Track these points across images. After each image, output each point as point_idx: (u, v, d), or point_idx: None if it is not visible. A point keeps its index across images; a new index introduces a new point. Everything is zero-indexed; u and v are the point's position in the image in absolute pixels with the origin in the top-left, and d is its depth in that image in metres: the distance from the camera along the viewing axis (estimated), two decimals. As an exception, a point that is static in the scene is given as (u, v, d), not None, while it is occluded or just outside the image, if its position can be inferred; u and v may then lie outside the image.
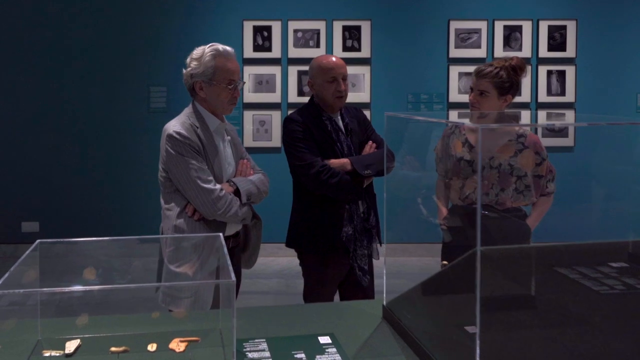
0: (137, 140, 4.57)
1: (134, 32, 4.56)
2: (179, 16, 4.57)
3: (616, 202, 1.72)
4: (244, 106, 4.55)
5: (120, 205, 4.60)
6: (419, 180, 1.85)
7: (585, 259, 1.60)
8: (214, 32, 4.56)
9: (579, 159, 4.29)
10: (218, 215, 1.79)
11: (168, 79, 4.56)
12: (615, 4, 4.80)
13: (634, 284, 1.59)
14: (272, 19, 4.54)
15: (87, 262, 1.32)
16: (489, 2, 4.70)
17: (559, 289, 1.56)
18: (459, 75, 4.67)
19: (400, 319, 1.40)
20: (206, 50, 1.88)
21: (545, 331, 1.35)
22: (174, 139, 1.80)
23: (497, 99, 2.30)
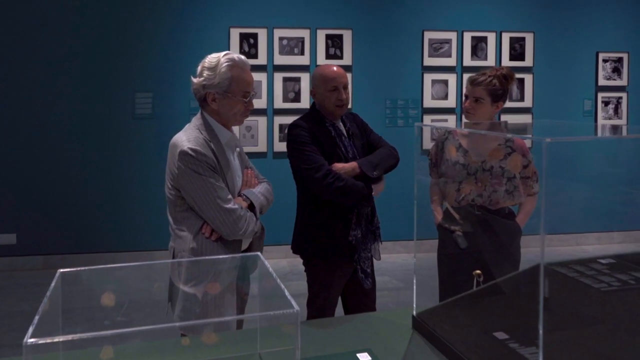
0: (122, 147, 4.28)
1: (120, 37, 4.25)
2: (165, 22, 4.31)
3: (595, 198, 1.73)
4: (230, 111, 4.38)
5: (104, 215, 4.28)
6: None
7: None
8: (201, 39, 4.34)
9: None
10: (240, 235, 1.60)
11: (154, 85, 4.30)
12: (567, 19, 4.94)
13: (627, 279, 1.59)
14: (259, 27, 4.37)
15: (111, 288, 1.17)
16: (459, 14, 4.72)
17: (567, 289, 1.54)
18: (432, 82, 4.67)
19: (434, 330, 1.32)
20: (222, 60, 1.64)
21: (567, 332, 1.33)
22: (189, 156, 1.56)
23: (490, 105, 2.28)
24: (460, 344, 1.24)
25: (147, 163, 4.33)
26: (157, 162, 4.34)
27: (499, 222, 2.26)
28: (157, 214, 4.32)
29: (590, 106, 5.06)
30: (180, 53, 4.34)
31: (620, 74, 5.05)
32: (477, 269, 2.30)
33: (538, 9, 4.88)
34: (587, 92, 5.05)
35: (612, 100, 5.07)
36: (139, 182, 4.32)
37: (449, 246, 2.21)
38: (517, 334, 1.30)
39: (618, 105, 5.09)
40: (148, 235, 4.32)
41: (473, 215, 2.32)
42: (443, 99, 4.71)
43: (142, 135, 4.31)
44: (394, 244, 4.51)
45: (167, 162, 1.67)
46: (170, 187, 1.65)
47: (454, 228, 2.07)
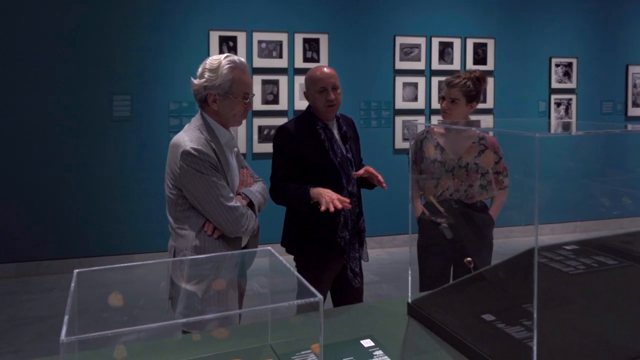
0: (100, 150, 4.15)
1: (98, 39, 4.12)
2: (144, 25, 4.20)
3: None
4: (209, 112, 4.34)
5: (82, 219, 4.13)
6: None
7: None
8: (180, 42, 4.27)
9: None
10: (242, 232, 1.61)
11: (132, 88, 4.20)
12: (524, 27, 5.18)
13: (591, 263, 1.72)
14: (238, 30, 4.34)
15: (129, 287, 1.17)
16: (427, 21, 4.86)
17: (540, 273, 1.65)
18: (403, 85, 4.80)
19: (430, 315, 1.39)
20: (223, 62, 1.65)
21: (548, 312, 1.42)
22: (192, 155, 1.56)
23: (465, 105, 2.38)
24: (453, 327, 1.31)
25: (126, 165, 4.23)
26: (137, 165, 4.25)
27: (475, 215, 2.37)
28: (137, 216, 4.24)
29: (544, 107, 5.33)
30: (160, 55, 4.25)
31: (570, 78, 5.34)
32: (457, 258, 2.41)
33: (499, 17, 5.10)
34: (542, 94, 5.31)
35: (563, 101, 5.36)
36: (117, 185, 4.21)
37: (433, 237, 2.29)
38: (502, 316, 1.39)
39: (568, 106, 5.38)
40: (128, 238, 4.22)
41: (451, 209, 2.42)
42: (413, 100, 4.84)
43: (121, 137, 4.20)
44: (368, 239, 4.60)
45: (167, 162, 1.66)
46: (171, 186, 1.64)
47: (439, 220, 2.16)
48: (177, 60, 4.28)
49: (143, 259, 4.17)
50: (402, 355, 1.24)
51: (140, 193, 4.23)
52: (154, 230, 4.25)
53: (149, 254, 4.21)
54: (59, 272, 4.04)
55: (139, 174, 4.24)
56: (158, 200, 4.27)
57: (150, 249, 4.23)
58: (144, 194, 4.24)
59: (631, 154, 1.70)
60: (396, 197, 3.95)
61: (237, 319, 1.61)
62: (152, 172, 4.26)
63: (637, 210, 1.64)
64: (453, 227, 2.31)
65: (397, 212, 4.61)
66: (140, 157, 4.24)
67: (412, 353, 1.27)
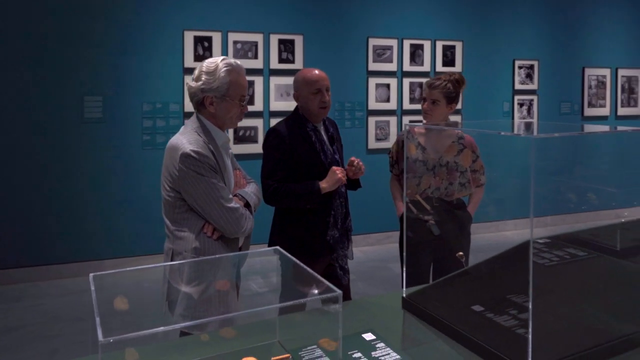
0: (71, 152, 3.98)
1: (68, 39, 3.95)
2: (117, 24, 4.07)
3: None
4: (184, 115, 4.21)
5: (52, 224, 3.95)
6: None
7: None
8: (155, 42, 4.16)
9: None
10: (241, 233, 1.63)
11: (104, 89, 4.05)
12: (490, 30, 5.38)
13: (563, 255, 1.82)
14: (213, 30, 4.27)
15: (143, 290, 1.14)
16: (399, 23, 4.96)
17: (518, 266, 1.73)
18: (376, 86, 4.88)
19: (426, 308, 1.43)
20: (220, 65, 1.65)
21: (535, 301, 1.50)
22: (192, 158, 1.56)
23: (445, 106, 2.46)
24: (447, 318, 1.36)
25: (98, 168, 4.08)
26: (109, 167, 4.12)
27: (455, 212, 2.46)
28: (110, 220, 4.10)
29: (508, 107, 5.55)
30: (133, 55, 4.13)
31: (532, 79, 5.59)
32: (437, 253, 2.48)
33: (466, 21, 5.27)
34: (506, 95, 5.52)
35: (526, 102, 5.61)
36: (89, 189, 4.05)
37: (420, 234, 2.36)
38: (490, 306, 1.45)
39: (530, 106, 5.64)
40: (100, 243, 4.07)
41: (433, 206, 2.49)
42: (385, 101, 4.93)
43: (92, 139, 4.05)
44: (346, 237, 4.65)
45: (164, 165, 1.64)
46: (169, 189, 1.62)
47: (427, 217, 2.22)
48: (151, 60, 4.17)
49: (115, 265, 4.04)
50: (403, 347, 1.27)
51: (112, 196, 4.10)
52: (127, 234, 4.13)
53: (122, 259, 4.08)
54: (26, 281, 3.86)
55: (111, 177, 4.11)
56: (132, 203, 4.15)
57: (123, 253, 4.11)
58: (116, 198, 4.11)
59: (595, 152, 1.81)
60: (369, 196, 4.01)
61: (238, 319, 1.61)
62: (125, 175, 4.14)
63: (602, 205, 1.76)
64: (436, 224, 2.38)
65: (369, 212, 4.68)
66: (112, 159, 4.11)
67: (412, 344, 1.31)
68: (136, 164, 4.15)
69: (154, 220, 4.15)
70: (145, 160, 4.16)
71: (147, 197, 4.14)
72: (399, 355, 1.23)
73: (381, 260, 4.44)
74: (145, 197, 4.14)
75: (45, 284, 3.83)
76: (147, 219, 4.15)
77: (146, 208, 4.15)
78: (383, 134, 4.90)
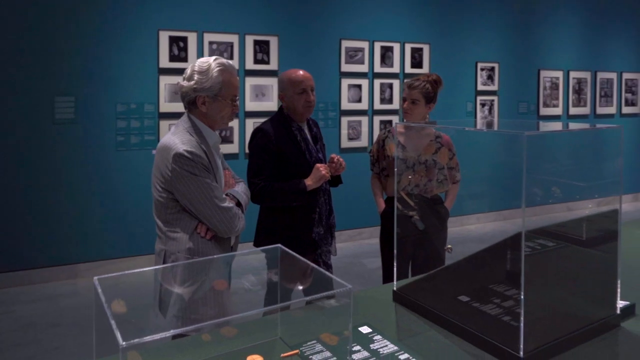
0: (42, 154, 3.80)
1: (40, 37, 3.75)
2: (91, 22, 3.90)
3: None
4: (159, 116, 4.11)
5: (22, 227, 3.76)
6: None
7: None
8: (129, 41, 4.02)
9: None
10: (234, 232, 1.61)
11: (77, 89, 3.88)
12: (455, 34, 5.56)
13: (534, 245, 1.93)
14: (188, 30, 4.19)
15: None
16: (370, 26, 5.03)
17: (499, 258, 1.82)
18: (348, 86, 4.94)
19: (417, 300, 1.48)
20: (212, 65, 1.64)
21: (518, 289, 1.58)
22: (185, 158, 1.53)
23: (424, 106, 2.54)
24: (437, 309, 1.42)
25: (71, 171, 3.91)
26: (82, 170, 3.96)
27: (434, 208, 2.54)
28: (82, 224, 3.94)
29: (471, 108, 5.75)
30: (106, 55, 3.98)
31: (493, 81, 5.82)
32: (418, 248, 2.56)
33: (433, 24, 5.42)
34: (469, 96, 5.72)
35: (487, 102, 5.83)
36: (61, 192, 3.88)
37: (405, 229, 2.42)
38: (475, 296, 1.53)
39: (491, 106, 5.87)
40: (73, 247, 3.92)
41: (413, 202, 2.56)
42: (357, 102, 4.99)
43: (64, 141, 3.88)
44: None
45: (156, 165, 1.61)
46: (161, 190, 1.59)
47: (411, 213, 2.29)
48: (125, 60, 4.03)
49: (88, 269, 3.90)
50: (399, 338, 1.31)
51: (85, 199, 3.95)
52: (101, 237, 3.99)
53: (96, 263, 3.95)
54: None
55: (84, 179, 3.95)
56: (106, 206, 4.01)
57: (97, 257, 3.97)
58: (89, 200, 3.96)
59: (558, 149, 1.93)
60: (342, 195, 4.05)
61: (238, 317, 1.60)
62: (98, 177, 3.99)
63: (565, 198, 1.88)
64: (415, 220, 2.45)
65: (342, 210, 4.72)
66: (85, 161, 3.95)
67: (407, 335, 1.35)
68: (110, 166, 4.01)
69: (129, 222, 4.04)
70: (120, 162, 4.03)
71: (122, 200, 4.02)
72: (396, 347, 1.27)
73: (354, 256, 4.50)
74: (120, 200, 4.02)
75: (16, 290, 3.65)
76: (122, 221, 4.03)
77: (121, 210, 4.02)
78: (355, 133, 4.96)
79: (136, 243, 4.06)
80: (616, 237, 1.44)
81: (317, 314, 1.44)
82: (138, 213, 4.06)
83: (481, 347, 1.28)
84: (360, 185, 3.85)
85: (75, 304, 3.42)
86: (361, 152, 4.98)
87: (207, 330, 1.40)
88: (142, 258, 4.05)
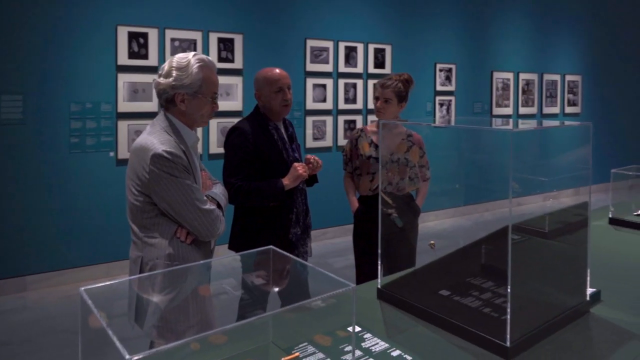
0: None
1: None
2: (43, 16, 3.62)
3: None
4: (117, 116, 3.90)
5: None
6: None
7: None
8: (85, 37, 3.78)
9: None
10: (216, 235, 1.55)
11: (25, 86, 3.60)
12: (415, 35, 5.69)
13: (512, 238, 2.00)
14: (149, 26, 3.99)
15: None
16: (334, 26, 5.02)
17: (474, 252, 1.87)
18: (313, 86, 4.92)
19: (402, 296, 1.49)
20: (192, 61, 1.55)
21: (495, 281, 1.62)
22: (164, 158, 1.44)
23: (397, 105, 2.57)
24: (421, 304, 1.43)
25: (19, 175, 3.62)
26: (31, 174, 3.68)
27: (406, 205, 2.58)
28: (32, 232, 3.66)
29: (430, 107, 5.92)
30: (59, 51, 3.72)
31: (450, 81, 6.02)
32: (392, 245, 2.58)
33: (395, 26, 5.51)
34: (428, 96, 5.88)
35: (445, 102, 6.02)
36: (9, 197, 3.58)
37: (384, 227, 2.43)
38: (455, 290, 1.56)
39: (449, 106, 6.06)
40: (23, 257, 3.63)
41: (385, 200, 2.59)
42: (322, 101, 4.99)
43: (11, 143, 3.58)
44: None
45: (131, 167, 1.50)
46: (137, 193, 1.49)
47: (390, 211, 2.30)
48: (80, 56, 3.79)
49: (37, 281, 3.64)
50: (388, 335, 1.31)
51: (36, 206, 3.67)
52: (54, 246, 3.73)
53: (48, 274, 3.68)
54: None
55: (34, 185, 3.67)
56: (59, 213, 3.75)
57: (50, 267, 3.70)
58: (40, 207, 3.68)
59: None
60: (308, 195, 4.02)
61: (215, 323, 1.53)
62: (50, 182, 3.72)
63: (525, 192, 1.96)
64: (389, 217, 2.48)
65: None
66: (35, 165, 3.67)
67: (396, 332, 1.36)
68: (63, 170, 3.75)
69: (83, 229, 3.80)
70: (73, 166, 3.78)
71: (75, 205, 3.77)
72: (387, 344, 1.27)
73: (320, 257, 4.50)
74: (73, 205, 3.77)
75: (-42, 307, 3.33)
76: (75, 229, 3.78)
77: (74, 217, 3.77)
78: (320, 133, 4.96)
79: (97, 251, 3.84)
80: (586, 228, 1.51)
81: (306, 316, 1.41)
82: (94, 220, 3.83)
83: (468, 339, 1.30)
84: (324, 185, 3.85)
85: (25, 319, 3.17)
86: (326, 152, 4.98)
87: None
88: (98, 267, 3.82)
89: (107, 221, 3.85)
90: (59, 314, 3.24)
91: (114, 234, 3.85)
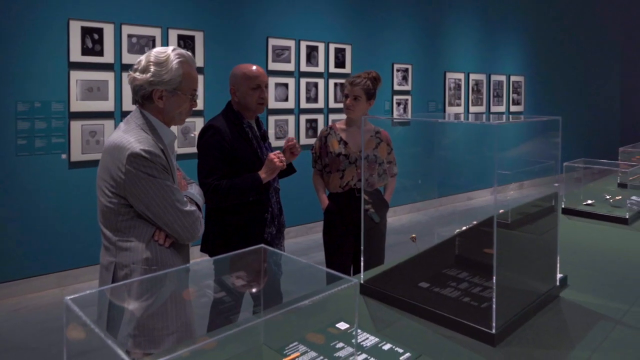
0: None
1: None
2: None
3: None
4: (70, 115, 3.65)
5: None
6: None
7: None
8: (34, 31, 3.50)
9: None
10: (196, 237, 1.47)
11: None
12: (374, 35, 5.77)
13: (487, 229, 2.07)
14: (104, 21, 3.76)
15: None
16: (296, 25, 4.99)
17: (448, 243, 1.92)
18: (275, 85, 4.86)
19: (385, 290, 1.50)
20: (172, 56, 1.46)
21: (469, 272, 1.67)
22: (142, 158, 1.36)
23: (365, 102, 2.58)
24: (404, 297, 1.45)
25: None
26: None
27: (376, 201, 2.60)
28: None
29: (388, 106, 6.04)
30: (3, 46, 3.42)
31: (407, 81, 6.17)
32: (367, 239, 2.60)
33: (354, 26, 5.57)
34: (387, 95, 6.00)
35: (402, 101, 6.17)
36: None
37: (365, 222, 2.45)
38: (434, 282, 1.59)
39: (406, 105, 6.22)
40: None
41: (355, 197, 2.60)
42: (284, 100, 4.94)
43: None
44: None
45: (103, 168, 1.40)
46: (111, 195, 1.39)
47: (366, 207, 2.30)
48: (28, 53, 3.50)
49: None
50: (377, 329, 1.32)
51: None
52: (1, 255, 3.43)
53: None
54: None
55: (-23, 189, 3.36)
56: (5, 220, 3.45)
57: None
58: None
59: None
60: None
61: (195, 329, 1.46)
62: (-4, 186, 3.42)
63: (479, 185, 2.04)
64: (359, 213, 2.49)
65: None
66: (-22, 168, 3.36)
67: (384, 325, 1.36)
68: (9, 174, 3.46)
69: (33, 236, 3.53)
70: (21, 169, 3.50)
71: (25, 212, 3.49)
72: (377, 338, 1.27)
73: (291, 254, 4.46)
74: (23, 212, 3.49)
75: None
76: (25, 235, 3.50)
77: (23, 223, 3.49)
78: (282, 132, 4.91)
79: (51, 259, 3.57)
80: (556, 216, 1.59)
81: (295, 315, 1.37)
82: (44, 225, 3.56)
83: (454, 328, 1.32)
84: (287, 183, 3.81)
85: (53, 327, 2.90)
86: (291, 151, 4.94)
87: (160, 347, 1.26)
88: (52, 276, 3.56)
89: (58, 228, 3.59)
90: (7, 330, 2.98)
91: (66, 241, 3.61)
